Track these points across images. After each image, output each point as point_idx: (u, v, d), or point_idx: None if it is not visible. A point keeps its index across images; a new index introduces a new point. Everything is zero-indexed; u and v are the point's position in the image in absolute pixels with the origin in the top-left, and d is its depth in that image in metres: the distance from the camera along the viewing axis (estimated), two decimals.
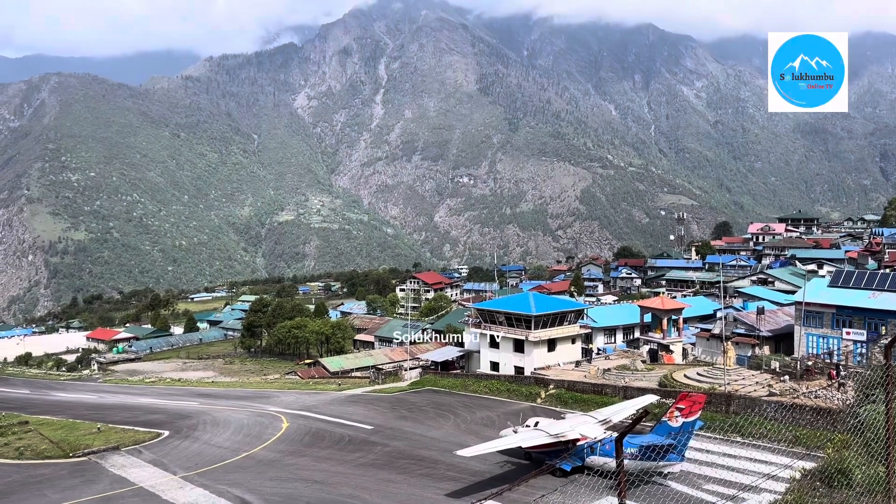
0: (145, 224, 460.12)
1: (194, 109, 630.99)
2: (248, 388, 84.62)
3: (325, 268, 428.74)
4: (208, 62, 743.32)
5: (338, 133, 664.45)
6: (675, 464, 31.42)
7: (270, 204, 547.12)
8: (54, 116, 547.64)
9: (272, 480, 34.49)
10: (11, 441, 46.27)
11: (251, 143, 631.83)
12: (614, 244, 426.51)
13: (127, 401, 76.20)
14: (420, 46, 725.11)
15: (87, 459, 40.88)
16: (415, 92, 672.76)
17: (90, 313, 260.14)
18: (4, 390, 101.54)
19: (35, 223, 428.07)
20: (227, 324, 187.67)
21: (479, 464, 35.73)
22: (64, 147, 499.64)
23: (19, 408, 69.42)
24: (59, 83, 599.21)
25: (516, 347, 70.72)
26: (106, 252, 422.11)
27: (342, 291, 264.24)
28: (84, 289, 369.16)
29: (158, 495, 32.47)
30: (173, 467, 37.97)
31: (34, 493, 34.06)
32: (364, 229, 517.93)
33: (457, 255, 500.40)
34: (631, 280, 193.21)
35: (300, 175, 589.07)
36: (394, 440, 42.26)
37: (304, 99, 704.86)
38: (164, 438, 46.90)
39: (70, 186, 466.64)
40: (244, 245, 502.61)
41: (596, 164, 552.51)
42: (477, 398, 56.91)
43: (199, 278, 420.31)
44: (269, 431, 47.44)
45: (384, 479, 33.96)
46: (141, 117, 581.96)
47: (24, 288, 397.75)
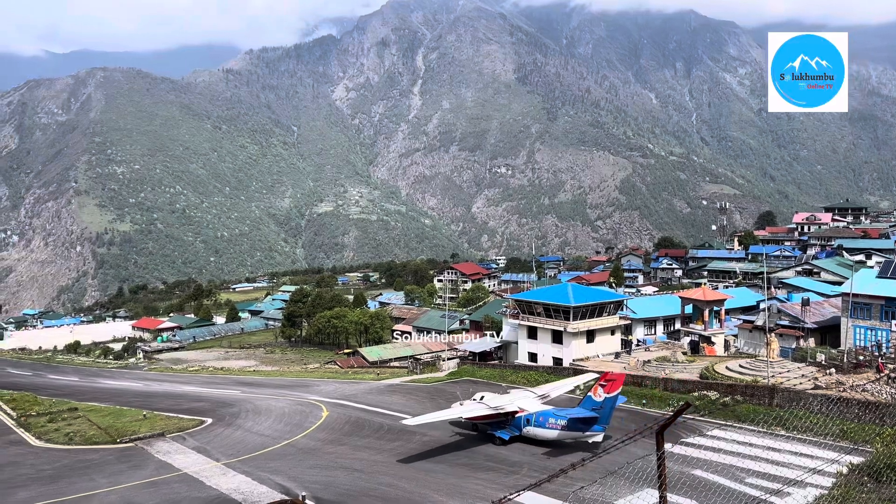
0: (188, 215, 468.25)
1: (235, 102, 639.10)
2: (288, 377, 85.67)
3: (363, 258, 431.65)
4: (248, 55, 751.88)
5: (376, 124, 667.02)
6: (598, 433, 36.80)
7: (310, 195, 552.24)
8: (100, 110, 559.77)
9: (312, 468, 34.89)
10: (62, 427, 47.56)
11: (291, 135, 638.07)
12: (655, 234, 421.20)
13: (171, 389, 77.77)
14: (458, 37, 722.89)
15: (133, 445, 41.84)
16: (452, 82, 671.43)
17: (135, 303, 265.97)
18: (55, 377, 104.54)
19: (83, 215, 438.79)
20: (267, 314, 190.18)
21: (517, 454, 35.71)
22: (109, 140, 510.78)
23: (69, 394, 71.37)
24: (105, 78, 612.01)
25: (555, 338, 70.30)
26: (150, 243, 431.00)
27: (380, 282, 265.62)
28: (130, 279, 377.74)
29: (202, 481, 33.09)
30: (216, 454, 38.65)
31: (83, 477, 34.98)
32: (402, 220, 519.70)
33: (494, 245, 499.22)
34: (671, 271, 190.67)
35: (339, 166, 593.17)
36: (432, 430, 42.36)
37: (342, 91, 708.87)
38: (207, 426, 47.75)
39: (116, 179, 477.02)
40: (284, 236, 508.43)
41: (636, 153, 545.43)
42: (514, 389, 56.73)
43: (241, 269, 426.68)
44: (310, 420, 47.99)
45: (423, 468, 34.11)
46: (183, 110, 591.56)
47: (73, 278, 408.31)
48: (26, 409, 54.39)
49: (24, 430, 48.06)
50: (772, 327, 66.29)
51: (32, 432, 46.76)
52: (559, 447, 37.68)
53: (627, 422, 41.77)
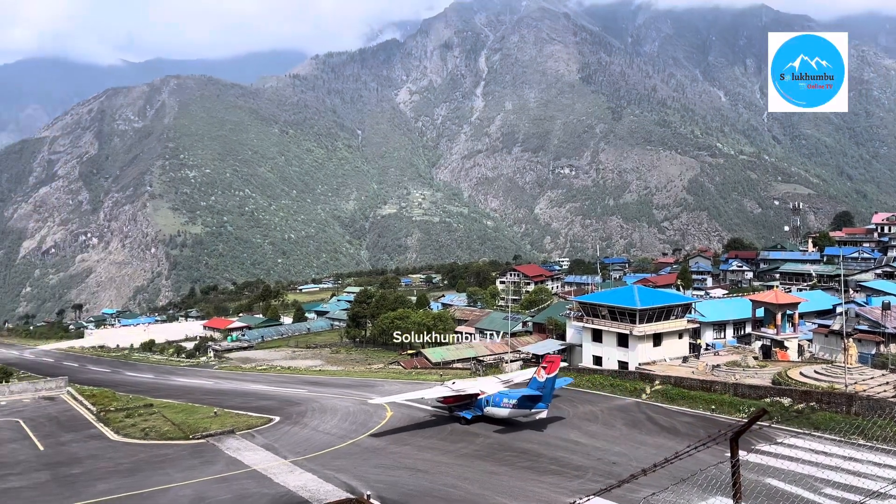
0: (257, 218, 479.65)
1: (301, 107, 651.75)
2: (353, 376, 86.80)
3: (426, 260, 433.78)
4: (314, 60, 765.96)
5: (438, 126, 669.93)
6: (542, 410, 43.08)
7: (374, 198, 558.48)
8: (174, 116, 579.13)
9: (377, 468, 35.25)
10: (138, 422, 49.36)
11: (355, 139, 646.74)
12: (724, 236, 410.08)
13: (240, 387, 79.76)
14: (521, 37, 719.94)
15: (205, 442, 43.09)
16: (515, 83, 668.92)
17: (206, 303, 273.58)
18: (132, 374, 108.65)
19: (157, 218, 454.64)
20: (333, 314, 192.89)
21: (581, 458, 35.27)
22: (182, 145, 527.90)
23: (144, 391, 74.05)
24: (178, 85, 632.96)
25: (620, 342, 69.26)
26: (221, 245, 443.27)
27: (443, 283, 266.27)
28: (201, 280, 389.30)
29: (270, 478, 33.82)
30: (284, 452, 39.45)
31: (158, 471, 36.21)
32: (464, 222, 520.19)
33: (557, 247, 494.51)
34: (742, 273, 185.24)
35: (402, 169, 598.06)
36: (495, 432, 42.30)
37: (405, 94, 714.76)
38: (275, 424, 48.79)
39: (188, 183, 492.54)
40: (349, 238, 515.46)
41: (704, 152, 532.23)
42: (579, 392, 56.12)
43: (307, 270, 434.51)
44: (374, 419, 48.50)
45: (486, 470, 34.05)
46: (252, 115, 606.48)
47: (148, 279, 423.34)
48: (105, 405, 56.67)
49: (103, 424, 50.08)
50: (849, 332, 63.69)
51: (111, 427, 48.66)
52: (511, 424, 43.39)
53: (695, 427, 40.82)
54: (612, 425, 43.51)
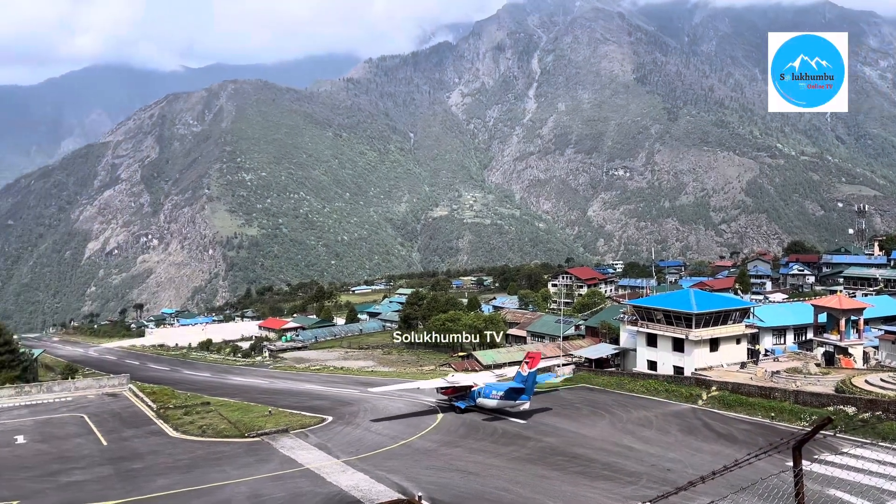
0: (311, 220, 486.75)
1: (355, 110, 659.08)
2: (405, 378, 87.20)
3: (477, 262, 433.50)
4: (367, 64, 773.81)
5: (490, 129, 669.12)
6: (525, 402, 48.10)
7: (425, 200, 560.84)
8: (231, 121, 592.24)
9: (428, 469, 35.31)
10: (196, 419, 50.53)
11: (407, 142, 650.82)
12: (784, 239, 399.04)
13: (294, 387, 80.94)
14: (574, 38, 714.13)
15: (260, 440, 43.85)
16: (568, 84, 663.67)
17: (262, 303, 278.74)
18: (190, 373, 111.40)
19: (215, 220, 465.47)
20: (385, 315, 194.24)
21: (634, 464, 34.72)
22: (239, 149, 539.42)
23: (202, 389, 75.80)
24: (235, 90, 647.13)
25: (675, 346, 67.98)
26: (276, 247, 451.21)
27: (494, 286, 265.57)
28: (257, 280, 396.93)
29: (323, 477, 34.20)
30: (336, 451, 39.85)
31: (215, 468, 36.99)
32: (516, 224, 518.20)
33: (611, 250, 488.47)
34: (803, 277, 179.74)
35: (454, 171, 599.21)
36: (547, 436, 41.97)
37: (457, 96, 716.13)
38: (328, 423, 49.34)
39: (244, 185, 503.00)
40: (401, 240, 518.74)
41: (764, 153, 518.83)
42: (633, 397, 55.31)
43: (360, 271, 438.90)
44: (426, 421, 48.63)
45: (537, 474, 33.79)
46: (306, 119, 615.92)
47: (206, 279, 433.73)
48: (165, 402, 58.17)
49: (162, 421, 51.41)
50: None
51: (170, 424, 49.93)
52: (499, 413, 48.64)
53: (753, 435, 39.81)
54: (667, 431, 42.73)
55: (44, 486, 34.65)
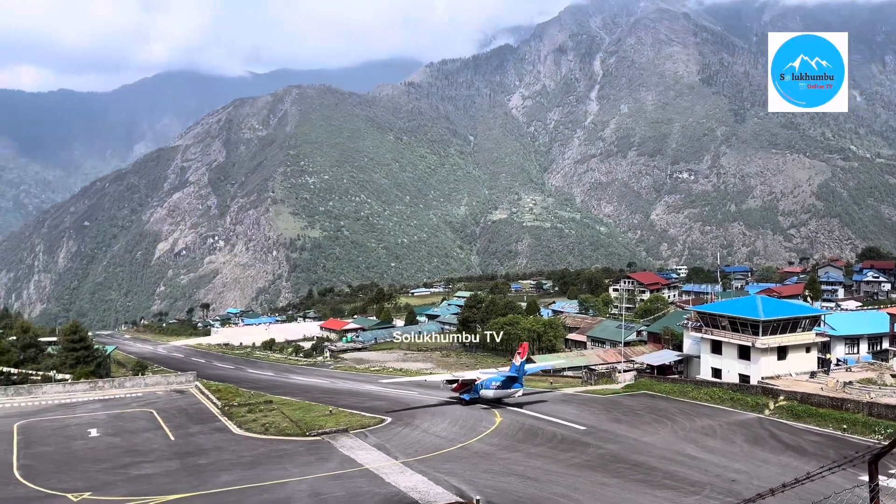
0: (371, 223, 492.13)
1: (416, 114, 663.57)
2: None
3: (536, 266, 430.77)
4: (429, 68, 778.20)
5: (551, 131, 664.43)
6: (519, 390, 56.04)
7: (485, 203, 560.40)
8: (295, 125, 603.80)
9: (486, 473, 35.23)
10: (259, 417, 51.64)
11: (467, 145, 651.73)
12: (857, 244, 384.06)
13: (354, 387, 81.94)
14: (638, 39, 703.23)
15: (320, 439, 44.52)
16: (631, 86, 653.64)
17: (323, 304, 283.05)
18: (253, 371, 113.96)
19: (278, 222, 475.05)
20: (443, 318, 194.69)
21: (698, 474, 33.94)
22: (302, 153, 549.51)
23: (265, 388, 77.45)
24: (299, 94, 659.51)
25: (741, 354, 66.19)
26: (337, 249, 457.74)
27: (553, 290, 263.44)
28: (318, 282, 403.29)
29: (382, 478, 34.50)
30: (395, 452, 40.14)
31: (277, 465, 37.74)
32: (576, 227, 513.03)
33: (675, 254, 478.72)
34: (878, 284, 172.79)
35: (513, 174, 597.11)
36: (607, 443, 41.39)
37: (518, 99, 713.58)
38: (386, 424, 49.76)
39: (307, 188, 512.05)
40: (460, 243, 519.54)
41: (836, 155, 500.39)
42: (696, 405, 54.09)
43: (419, 274, 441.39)
44: (483, 425, 48.56)
45: (597, 481, 33.37)
46: (368, 123, 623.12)
47: (269, 280, 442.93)
48: (229, 400, 59.65)
49: (227, 418, 52.71)
50: None
51: (234, 421, 51.15)
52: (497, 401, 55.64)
53: (824, 447, 38.49)
54: (732, 441, 41.66)
55: (115, 479, 35.94)
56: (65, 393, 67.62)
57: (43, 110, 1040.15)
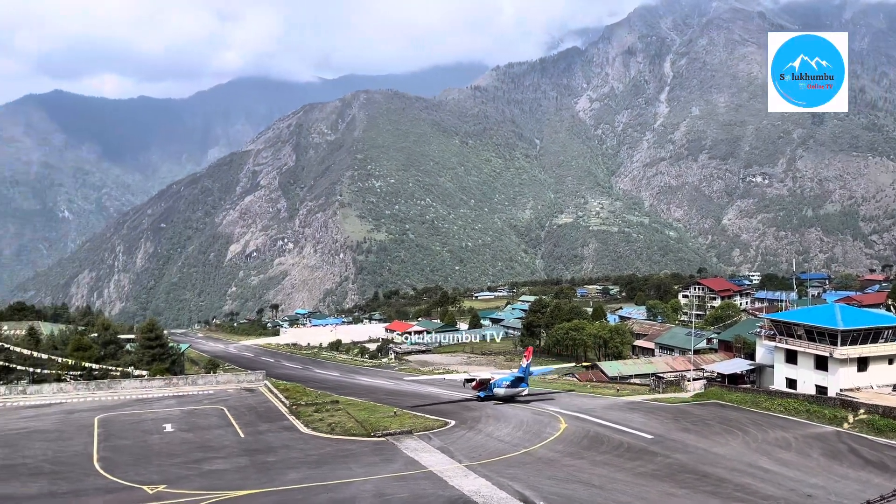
0: (436, 226, 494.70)
1: (481, 118, 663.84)
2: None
3: (603, 271, 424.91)
4: (495, 72, 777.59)
5: (619, 134, 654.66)
6: (525, 388, 63.08)
7: (550, 207, 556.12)
8: (363, 129, 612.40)
9: (550, 479, 34.89)
10: (325, 417, 52.44)
11: (533, 148, 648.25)
12: None
13: (418, 389, 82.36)
14: (710, 40, 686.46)
15: (385, 440, 44.91)
16: (703, 88, 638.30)
17: (388, 307, 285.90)
18: (320, 372, 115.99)
19: (346, 225, 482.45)
20: (507, 322, 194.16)
21: (771, 487, 32.85)
22: (370, 157, 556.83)
23: (331, 388, 78.66)
24: (367, 99, 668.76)
25: (818, 364, 63.76)
26: (402, 252, 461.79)
27: (620, 295, 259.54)
28: (384, 284, 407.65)
29: (445, 480, 34.54)
30: (459, 455, 40.15)
31: (342, 465, 38.25)
32: (644, 232, 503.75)
33: (747, 260, 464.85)
34: None
35: (580, 178, 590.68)
36: (675, 452, 40.44)
37: (585, 102, 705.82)
38: (450, 427, 49.83)
39: (374, 192, 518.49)
40: (524, 247, 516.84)
41: None
42: (769, 416, 52.33)
43: (483, 278, 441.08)
44: (548, 430, 48.12)
45: (665, 491, 32.64)
46: (434, 127, 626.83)
47: (336, 282, 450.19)
48: (297, 399, 60.78)
49: (294, 417, 53.73)
50: None
51: (301, 420, 52.09)
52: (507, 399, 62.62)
53: None
54: (808, 454, 40.14)
55: (188, 473, 37.10)
56: (141, 388, 70.22)
57: (124, 116, 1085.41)
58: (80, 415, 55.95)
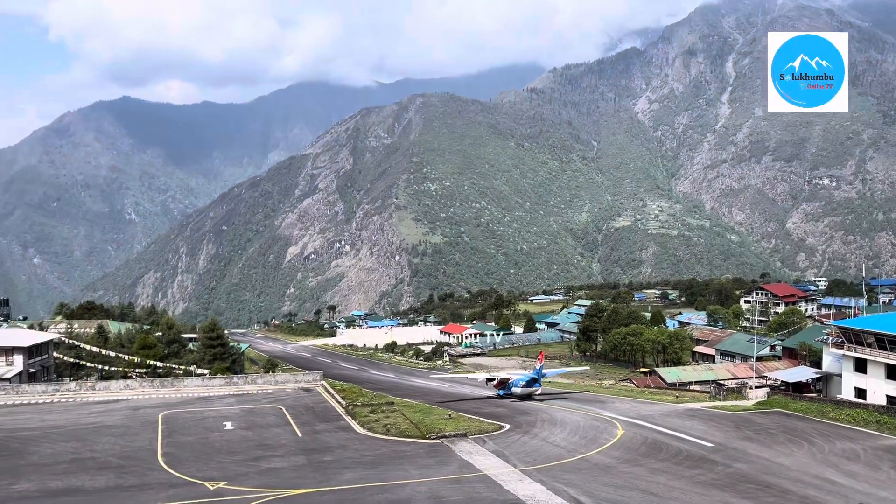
0: (491, 229, 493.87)
1: (537, 120, 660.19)
2: (582, 391, 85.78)
3: (661, 275, 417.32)
4: (552, 73, 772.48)
5: (679, 136, 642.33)
6: (538, 389, 70.32)
7: (607, 210, 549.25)
8: (418, 133, 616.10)
9: (606, 486, 34.42)
10: (381, 418, 52.86)
11: (590, 150, 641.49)
12: None
13: (473, 392, 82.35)
14: None
15: (440, 443, 45.00)
16: (767, 88, 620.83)
17: (443, 309, 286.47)
18: (375, 373, 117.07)
19: (401, 228, 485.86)
20: (563, 326, 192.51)
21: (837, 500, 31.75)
22: (425, 160, 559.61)
23: (386, 389, 79.32)
24: (423, 103, 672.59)
25: (889, 374, 61.32)
26: (457, 255, 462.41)
27: (679, 300, 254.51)
28: (439, 287, 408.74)
29: (500, 485, 34.42)
30: (514, 460, 39.96)
31: (397, 466, 38.50)
32: (705, 236, 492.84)
33: (813, 265, 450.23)
34: None
35: (638, 180, 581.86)
36: (736, 462, 39.42)
37: (644, 103, 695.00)
38: (505, 431, 49.66)
39: (429, 195, 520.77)
40: (580, 250, 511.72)
41: None
42: (836, 427, 50.55)
43: (538, 281, 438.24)
44: (604, 436, 47.49)
45: (725, 501, 31.88)
46: (490, 130, 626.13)
47: (392, 284, 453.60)
48: (353, 400, 61.44)
49: (350, 417, 54.34)
50: None
51: (357, 420, 52.65)
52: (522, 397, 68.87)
53: None
54: (878, 467, 38.62)
55: (247, 470, 37.90)
56: (203, 387, 72.05)
57: (188, 122, 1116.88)
58: (145, 411, 57.75)
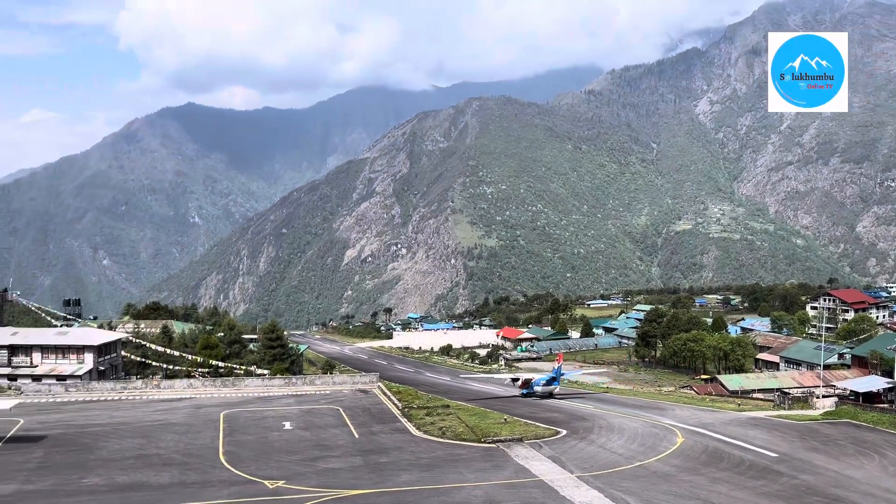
0: (548, 233, 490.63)
1: (595, 122, 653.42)
2: (641, 397, 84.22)
3: (723, 280, 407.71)
4: (610, 75, 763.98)
5: (742, 137, 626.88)
6: (556, 387, 76.99)
7: (667, 213, 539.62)
8: (475, 136, 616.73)
9: (665, 494, 33.73)
10: (436, 421, 52.89)
11: (650, 153, 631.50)
12: None
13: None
14: None
15: (495, 447, 44.80)
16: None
17: (499, 313, 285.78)
18: (431, 376, 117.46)
19: (457, 231, 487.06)
20: (621, 331, 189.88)
21: None
22: (481, 163, 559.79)
23: (442, 392, 79.47)
24: (480, 106, 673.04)
25: None
26: (513, 258, 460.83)
27: (742, 306, 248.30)
28: (494, 290, 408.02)
29: (556, 490, 34.06)
30: (570, 466, 39.49)
31: (453, 469, 38.47)
32: (769, 240, 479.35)
33: (885, 271, 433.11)
34: None
35: (699, 183, 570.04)
36: (802, 473, 38.11)
37: (705, 104, 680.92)
38: (561, 436, 49.11)
39: (485, 198, 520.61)
40: (639, 254, 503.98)
41: None
42: None
43: (596, 285, 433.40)
44: (664, 444, 46.54)
45: None
46: (547, 133, 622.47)
47: (447, 287, 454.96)
48: (409, 402, 61.64)
49: (406, 420, 54.56)
50: None
51: (413, 423, 52.82)
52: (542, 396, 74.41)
53: None
54: None
55: (305, 470, 38.44)
56: (263, 387, 73.44)
57: (249, 127, 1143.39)
58: (207, 410, 59.16)
